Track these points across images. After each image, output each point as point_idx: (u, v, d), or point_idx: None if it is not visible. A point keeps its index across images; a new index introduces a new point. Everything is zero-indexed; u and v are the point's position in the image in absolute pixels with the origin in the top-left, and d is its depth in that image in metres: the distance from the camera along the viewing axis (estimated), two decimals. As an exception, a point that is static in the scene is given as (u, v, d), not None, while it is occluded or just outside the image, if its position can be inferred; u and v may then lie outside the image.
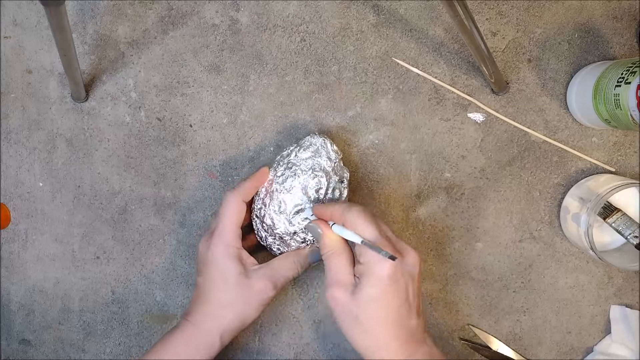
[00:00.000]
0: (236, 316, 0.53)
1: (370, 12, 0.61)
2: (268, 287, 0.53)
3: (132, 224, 0.63)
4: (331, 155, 0.56)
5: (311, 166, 0.56)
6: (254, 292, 0.53)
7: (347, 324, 0.49)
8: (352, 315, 0.48)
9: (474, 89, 0.61)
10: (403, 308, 0.48)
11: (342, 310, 0.49)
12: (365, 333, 0.48)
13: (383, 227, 0.50)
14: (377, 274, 0.47)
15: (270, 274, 0.53)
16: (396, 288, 0.47)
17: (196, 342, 0.53)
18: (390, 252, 0.46)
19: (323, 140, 0.56)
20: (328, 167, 0.56)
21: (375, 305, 0.48)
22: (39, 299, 0.63)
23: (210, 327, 0.53)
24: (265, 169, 0.56)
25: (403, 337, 0.48)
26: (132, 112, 0.62)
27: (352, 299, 0.48)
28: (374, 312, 0.48)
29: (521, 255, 0.63)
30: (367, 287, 0.48)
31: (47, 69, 0.62)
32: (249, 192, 0.55)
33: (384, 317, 0.48)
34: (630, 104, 0.51)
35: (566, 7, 0.61)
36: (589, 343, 0.63)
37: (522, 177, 0.62)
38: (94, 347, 0.63)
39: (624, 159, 0.62)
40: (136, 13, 0.61)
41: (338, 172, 0.57)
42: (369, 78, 0.61)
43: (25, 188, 0.62)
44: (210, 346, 0.53)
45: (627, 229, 0.57)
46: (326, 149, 0.56)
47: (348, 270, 0.50)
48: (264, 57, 0.61)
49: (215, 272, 0.53)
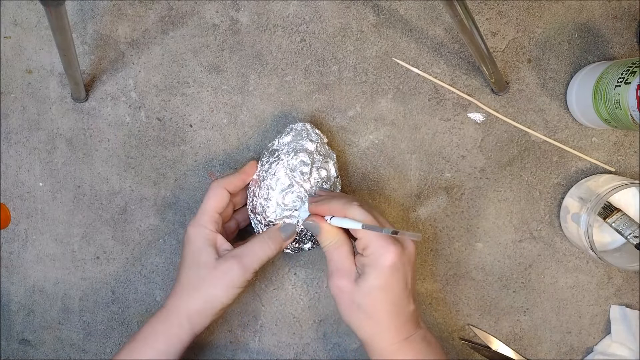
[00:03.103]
0: (202, 298, 0.53)
1: (370, 12, 0.61)
2: (233, 267, 0.52)
3: (132, 224, 0.63)
4: (312, 137, 0.56)
5: (293, 148, 0.56)
6: (219, 272, 0.52)
7: (349, 311, 0.51)
8: (354, 303, 0.50)
9: (474, 89, 0.61)
10: (403, 295, 0.50)
11: (345, 299, 0.51)
12: (368, 320, 0.50)
13: (380, 219, 0.51)
14: (380, 264, 0.49)
15: (238, 254, 0.53)
16: (397, 277, 0.49)
17: (166, 324, 0.53)
18: (392, 244, 0.48)
19: (303, 124, 0.57)
20: (310, 147, 0.56)
21: (379, 294, 0.49)
22: (39, 299, 0.63)
23: (178, 307, 0.53)
24: (253, 162, 0.57)
25: (401, 322, 0.50)
26: (132, 112, 0.62)
27: (356, 288, 0.50)
28: (377, 300, 0.49)
29: (521, 255, 0.63)
30: (371, 277, 0.49)
31: (47, 69, 0.62)
32: (234, 183, 0.55)
33: (386, 304, 0.49)
34: (630, 104, 0.51)
35: (566, 7, 0.61)
36: (589, 343, 0.63)
37: (522, 177, 0.62)
38: (94, 347, 0.63)
39: (624, 159, 0.62)
40: (136, 13, 0.61)
41: (322, 152, 0.56)
42: (369, 78, 0.61)
43: (25, 188, 0.62)
44: (179, 327, 0.53)
45: (627, 229, 0.57)
46: (307, 132, 0.56)
47: (350, 260, 0.51)
48: (264, 57, 0.61)
49: (187, 253, 0.54)
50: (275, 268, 0.63)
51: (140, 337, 0.53)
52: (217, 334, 0.63)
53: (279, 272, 0.63)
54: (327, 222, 0.52)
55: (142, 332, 0.53)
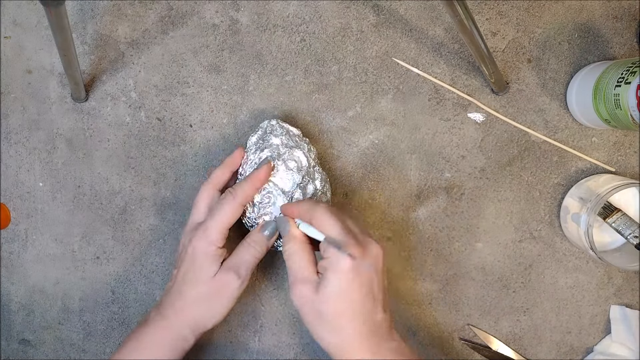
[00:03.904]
0: (208, 312, 0.53)
1: (370, 12, 0.61)
2: (232, 278, 0.52)
3: (132, 224, 0.63)
4: (277, 132, 0.56)
5: (259, 146, 0.56)
6: (220, 285, 0.52)
7: (312, 320, 0.48)
8: (317, 312, 0.48)
9: (474, 89, 0.61)
10: (367, 301, 0.47)
11: (307, 307, 0.48)
12: (330, 329, 0.48)
13: (348, 223, 0.49)
14: (339, 267, 0.47)
15: (232, 264, 0.53)
16: (359, 281, 0.47)
17: (169, 336, 0.53)
18: (353, 247, 0.47)
19: (269, 121, 0.57)
20: (276, 142, 0.55)
21: (339, 299, 0.47)
22: (39, 299, 0.63)
23: (183, 322, 0.53)
24: (266, 165, 0.54)
25: (367, 331, 0.47)
26: (132, 112, 0.62)
27: (316, 294, 0.48)
28: (338, 306, 0.47)
29: (521, 255, 0.63)
30: (330, 281, 0.47)
31: (47, 69, 0.62)
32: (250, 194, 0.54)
33: (348, 310, 0.47)
34: (630, 104, 0.51)
35: (566, 7, 0.61)
36: (589, 343, 0.63)
37: (522, 177, 0.62)
38: (94, 347, 0.63)
39: (624, 159, 0.62)
40: (136, 13, 0.61)
41: (290, 145, 0.55)
42: (369, 78, 0.61)
43: (25, 188, 0.62)
44: (183, 340, 0.53)
45: (627, 229, 0.57)
46: (272, 127, 0.56)
47: (311, 268, 0.49)
48: (264, 57, 0.61)
49: (190, 268, 0.53)
50: (275, 268, 0.63)
51: (141, 346, 0.53)
52: (217, 334, 0.63)
53: (279, 272, 0.63)
54: (295, 226, 0.52)
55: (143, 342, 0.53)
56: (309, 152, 0.56)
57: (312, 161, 0.56)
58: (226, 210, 0.52)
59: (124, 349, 0.53)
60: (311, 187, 0.56)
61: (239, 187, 0.53)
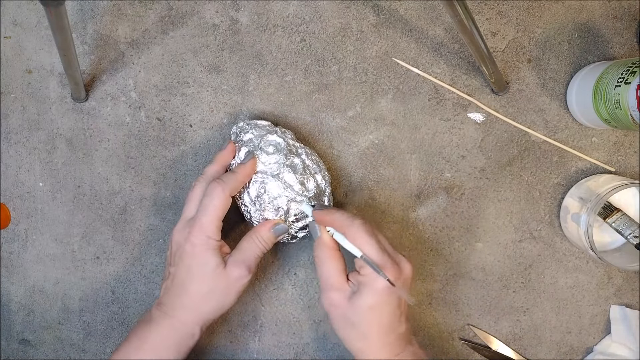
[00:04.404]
0: (215, 306, 0.53)
1: (370, 12, 0.61)
2: (243, 273, 0.53)
3: (132, 224, 0.63)
4: (246, 129, 0.57)
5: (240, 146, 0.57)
6: (232, 280, 0.53)
7: (342, 326, 0.52)
8: (347, 319, 0.51)
9: (474, 89, 0.61)
10: (395, 315, 0.51)
11: (336, 314, 0.52)
12: (357, 336, 0.51)
13: (381, 240, 0.51)
14: (376, 286, 0.49)
15: (243, 258, 0.53)
16: (392, 298, 0.50)
17: (176, 334, 0.53)
18: (390, 270, 0.49)
19: (235, 125, 0.58)
20: (248, 137, 0.56)
21: (372, 314, 0.50)
22: (39, 299, 0.63)
23: (190, 318, 0.53)
24: (253, 159, 0.55)
25: (392, 339, 0.51)
26: (132, 112, 0.62)
27: (349, 304, 0.51)
28: (370, 319, 0.50)
29: (521, 255, 0.63)
30: (366, 296, 0.50)
31: (47, 69, 0.62)
32: (237, 187, 0.54)
33: (378, 323, 0.50)
34: (630, 104, 0.51)
35: (566, 7, 0.61)
36: (589, 343, 0.63)
37: (522, 177, 0.62)
38: (94, 347, 0.63)
39: (624, 159, 0.62)
40: (136, 13, 0.61)
41: (262, 133, 0.56)
42: (369, 78, 0.61)
43: (25, 188, 0.62)
44: (191, 337, 0.54)
45: (627, 229, 0.57)
46: (240, 128, 0.58)
47: (342, 276, 0.52)
48: (264, 57, 0.61)
49: (193, 265, 0.52)
50: (275, 268, 0.63)
51: (146, 346, 0.53)
52: (217, 334, 0.63)
53: (279, 272, 0.63)
54: (327, 233, 0.52)
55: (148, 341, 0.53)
56: (282, 133, 0.57)
57: (290, 140, 0.57)
58: (217, 204, 0.52)
59: (126, 347, 0.53)
60: (297, 160, 0.56)
61: (226, 177, 0.53)
